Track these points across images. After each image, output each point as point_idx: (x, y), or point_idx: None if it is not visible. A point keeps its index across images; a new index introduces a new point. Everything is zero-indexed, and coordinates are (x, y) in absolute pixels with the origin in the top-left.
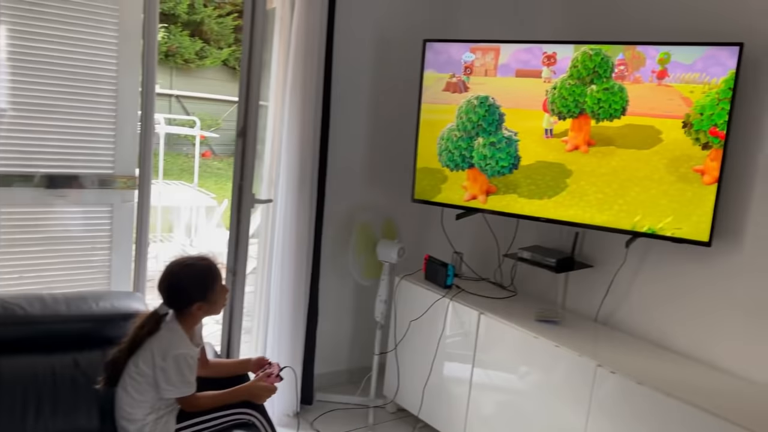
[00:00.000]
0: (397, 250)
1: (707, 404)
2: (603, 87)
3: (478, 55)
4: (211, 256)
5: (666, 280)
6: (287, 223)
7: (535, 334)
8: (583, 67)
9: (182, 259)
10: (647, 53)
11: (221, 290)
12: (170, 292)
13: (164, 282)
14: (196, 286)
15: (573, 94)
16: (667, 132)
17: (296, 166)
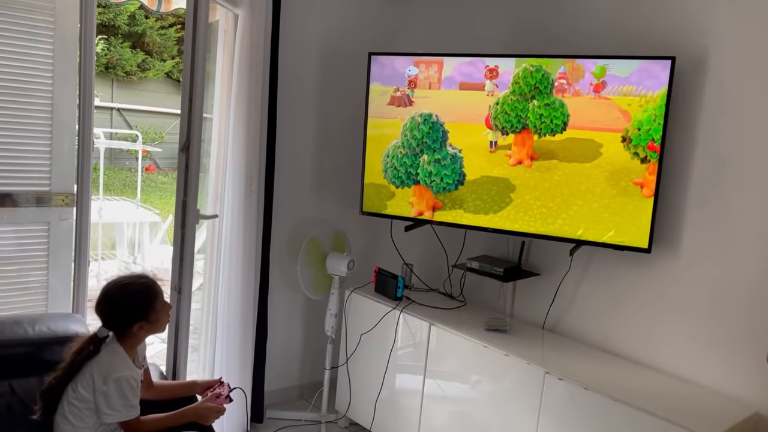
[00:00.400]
0: (346, 263)
1: (651, 406)
2: (544, 102)
3: (422, 69)
4: (149, 274)
5: (609, 286)
6: (234, 238)
7: (485, 344)
8: (525, 83)
9: (119, 279)
10: (586, 66)
11: (163, 308)
12: (108, 314)
13: (101, 304)
14: (135, 306)
15: (515, 109)
16: (607, 146)
17: (242, 180)
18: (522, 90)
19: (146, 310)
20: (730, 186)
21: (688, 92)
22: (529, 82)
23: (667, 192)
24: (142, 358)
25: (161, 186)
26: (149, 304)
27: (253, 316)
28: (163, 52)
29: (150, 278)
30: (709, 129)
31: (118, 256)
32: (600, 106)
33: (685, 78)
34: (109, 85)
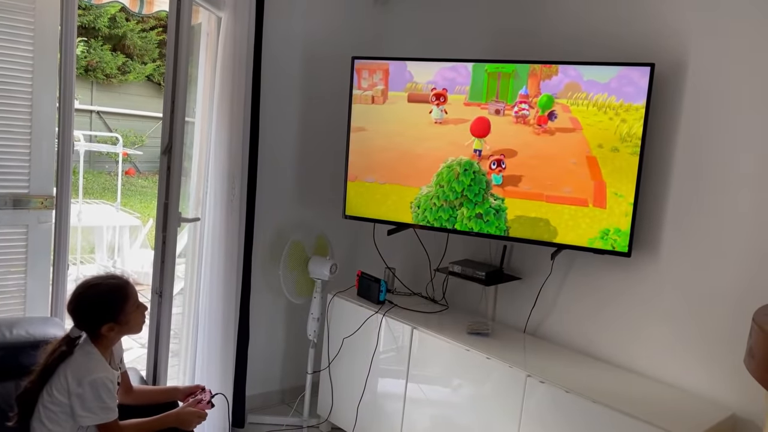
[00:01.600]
0: (329, 267)
1: (631, 409)
2: (475, 213)
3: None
4: (121, 275)
5: (590, 290)
6: (215, 242)
7: (467, 347)
8: (449, 188)
9: (89, 279)
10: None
11: (134, 309)
12: (78, 315)
13: (71, 304)
14: (104, 306)
15: (440, 218)
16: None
17: (224, 182)
18: (446, 195)
19: (115, 311)
20: (710, 190)
21: (668, 97)
22: (454, 188)
23: (647, 197)
24: (118, 359)
25: (141, 190)
26: (118, 306)
27: (235, 320)
28: (144, 55)
29: (122, 279)
30: (689, 134)
31: (98, 260)
32: (550, 145)
33: (664, 83)
34: (89, 88)
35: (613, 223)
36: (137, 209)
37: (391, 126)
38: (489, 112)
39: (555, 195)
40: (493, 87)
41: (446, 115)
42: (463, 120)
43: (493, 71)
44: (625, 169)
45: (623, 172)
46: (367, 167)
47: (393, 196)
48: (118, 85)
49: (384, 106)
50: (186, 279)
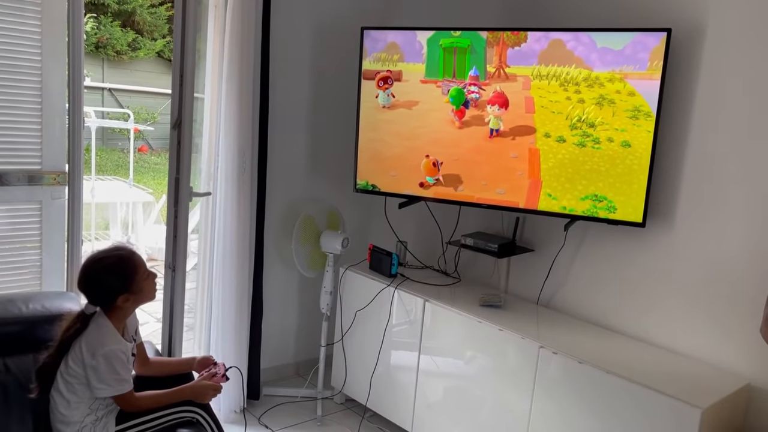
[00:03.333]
0: (341, 241)
1: (645, 379)
2: None
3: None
4: (126, 245)
5: (604, 261)
6: (227, 217)
7: (479, 319)
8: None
9: (95, 254)
10: (579, 40)
11: (145, 278)
12: (90, 291)
13: (81, 281)
14: (115, 279)
15: None
16: None
17: (235, 158)
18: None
19: (127, 282)
20: (726, 160)
21: (684, 61)
22: None
23: (662, 165)
24: (133, 331)
25: (154, 167)
26: (129, 276)
27: (248, 295)
28: (153, 31)
29: (127, 249)
30: (705, 100)
31: (112, 236)
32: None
33: (680, 47)
34: (100, 65)
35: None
36: (150, 186)
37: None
38: (442, 93)
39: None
40: (450, 63)
41: (393, 99)
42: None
43: (448, 46)
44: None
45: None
46: (377, 140)
47: (402, 167)
48: (129, 61)
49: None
50: (199, 254)
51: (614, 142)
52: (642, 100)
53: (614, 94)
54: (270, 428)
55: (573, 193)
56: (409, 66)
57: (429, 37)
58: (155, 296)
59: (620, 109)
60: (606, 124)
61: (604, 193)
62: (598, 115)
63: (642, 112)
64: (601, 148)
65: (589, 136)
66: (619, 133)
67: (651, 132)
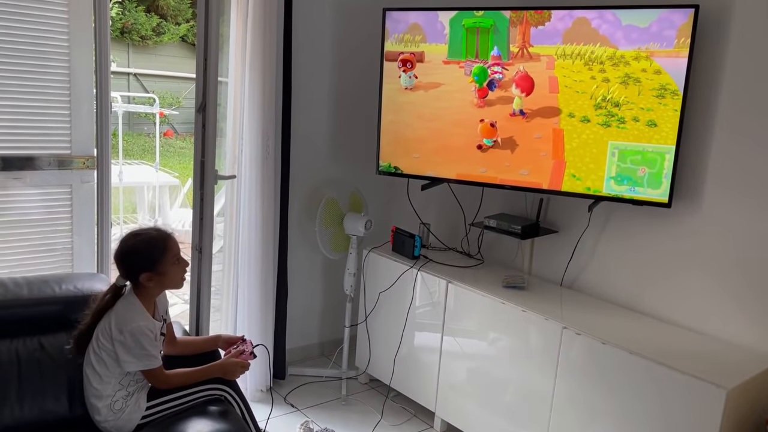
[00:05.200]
0: (364, 223)
1: (669, 360)
2: None
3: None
4: (164, 228)
5: (628, 242)
6: (252, 200)
7: (503, 300)
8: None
9: (135, 230)
10: None
11: (173, 262)
12: (120, 261)
13: (116, 252)
14: (143, 255)
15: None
16: None
17: (259, 141)
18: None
19: (154, 260)
20: (754, 137)
21: (712, 38)
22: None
23: (689, 144)
24: (163, 311)
25: (179, 151)
26: (157, 256)
27: (274, 276)
28: (177, 15)
29: (163, 231)
30: (734, 78)
31: (140, 219)
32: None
33: (708, 23)
34: (125, 50)
35: None
36: (176, 169)
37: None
38: (465, 73)
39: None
40: (472, 43)
41: (416, 80)
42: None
43: (471, 26)
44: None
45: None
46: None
47: (425, 149)
48: (153, 46)
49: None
50: (225, 237)
51: (640, 122)
52: (669, 79)
53: (640, 72)
54: (296, 407)
55: (597, 173)
56: (432, 47)
57: (452, 17)
58: (181, 285)
59: (646, 88)
60: (631, 104)
61: (629, 174)
62: (623, 93)
63: (669, 90)
64: (626, 128)
65: (614, 116)
66: (644, 112)
67: (678, 111)
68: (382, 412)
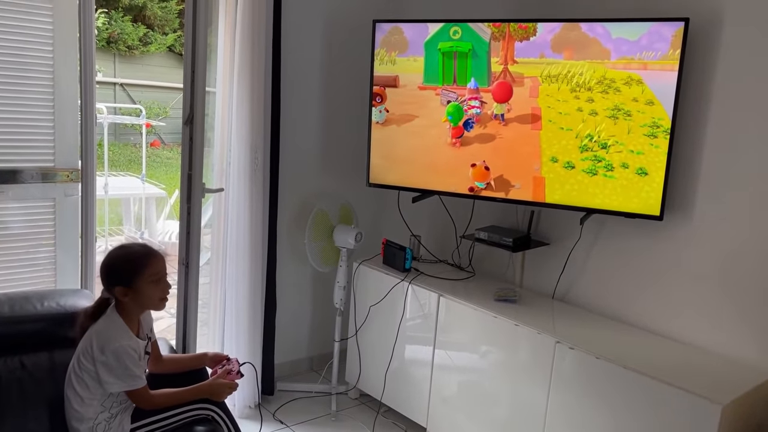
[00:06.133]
0: (354, 236)
1: (663, 375)
2: None
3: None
4: (150, 245)
5: (620, 254)
6: (240, 212)
7: (495, 314)
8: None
9: (124, 243)
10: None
11: (151, 282)
12: (101, 272)
13: (101, 262)
14: (120, 267)
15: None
16: None
17: (247, 153)
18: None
19: (131, 275)
20: (747, 149)
21: (702, 53)
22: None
23: (679, 157)
24: (147, 329)
25: (166, 161)
26: (132, 270)
27: (262, 290)
28: (164, 25)
29: (148, 248)
30: (725, 90)
31: (126, 231)
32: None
33: (698, 37)
34: (111, 60)
35: None
36: (162, 181)
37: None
38: (441, 103)
39: None
40: (449, 68)
41: (388, 114)
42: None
43: (447, 50)
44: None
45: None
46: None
47: (416, 163)
48: (140, 56)
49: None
50: (213, 249)
51: (629, 169)
52: (661, 111)
53: (631, 102)
54: (285, 423)
55: (588, 190)
56: (408, 64)
57: (426, 40)
58: (160, 307)
59: (637, 124)
60: (620, 144)
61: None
62: (612, 131)
63: (661, 128)
64: (614, 177)
65: (601, 160)
66: (634, 157)
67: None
68: (373, 427)
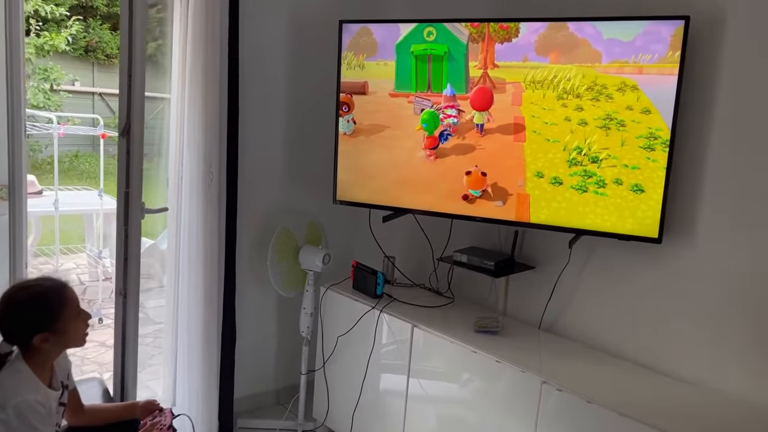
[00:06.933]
0: (321, 257)
1: (664, 422)
2: None
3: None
4: (58, 277)
5: (614, 281)
6: (192, 232)
7: (474, 348)
8: None
9: (20, 283)
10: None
11: (74, 317)
12: (5, 324)
13: (1, 313)
14: (34, 313)
15: None
16: None
17: (200, 165)
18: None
19: (49, 318)
20: (755, 164)
21: (704, 57)
22: None
23: (680, 173)
24: (63, 376)
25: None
26: (54, 312)
27: (218, 317)
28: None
29: (57, 281)
30: (729, 99)
31: (88, 248)
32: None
33: (698, 38)
34: (90, 70)
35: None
36: None
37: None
38: (414, 111)
39: None
40: (423, 73)
41: (355, 125)
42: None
43: (421, 53)
44: None
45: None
46: None
47: (387, 178)
48: None
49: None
50: (166, 273)
51: (623, 186)
52: (659, 121)
53: (625, 111)
54: None
55: (577, 209)
56: (380, 69)
57: (398, 42)
58: (84, 342)
59: (632, 136)
60: (613, 158)
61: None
62: (604, 144)
63: (659, 140)
64: (606, 194)
65: (592, 175)
66: (629, 172)
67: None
68: None
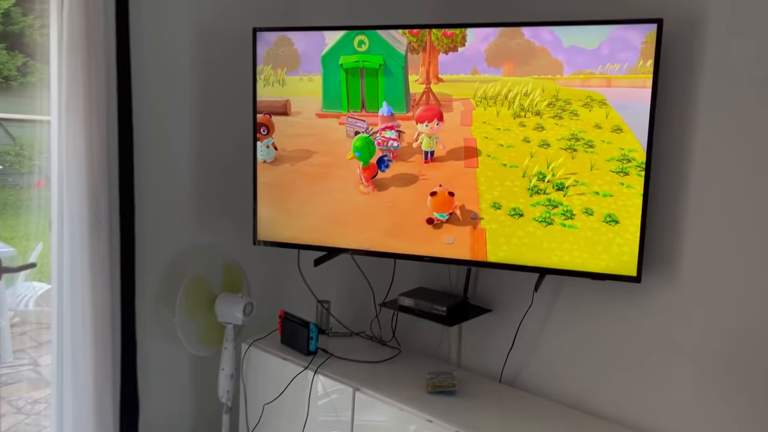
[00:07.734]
0: (242, 307)
1: None
2: None
3: None
4: None
5: (586, 325)
6: (77, 287)
7: (429, 416)
8: None
9: None
10: None
11: None
12: None
13: None
14: None
15: None
16: None
17: (83, 203)
18: None
19: None
20: (747, 188)
21: (681, 66)
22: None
23: (659, 200)
24: None
25: None
26: None
27: (113, 386)
28: (45, 54)
29: None
30: (712, 112)
31: None
32: None
33: (675, 45)
34: None
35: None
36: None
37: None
38: (347, 134)
39: None
40: (356, 89)
41: (277, 151)
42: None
43: (352, 66)
44: None
45: None
46: None
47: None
48: (20, 88)
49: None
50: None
51: (594, 216)
52: (634, 141)
53: (593, 130)
54: None
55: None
56: (304, 85)
57: (324, 53)
58: None
59: (602, 158)
60: (582, 185)
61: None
62: (570, 168)
63: (633, 162)
64: (575, 227)
65: (558, 206)
66: (600, 200)
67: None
68: None
